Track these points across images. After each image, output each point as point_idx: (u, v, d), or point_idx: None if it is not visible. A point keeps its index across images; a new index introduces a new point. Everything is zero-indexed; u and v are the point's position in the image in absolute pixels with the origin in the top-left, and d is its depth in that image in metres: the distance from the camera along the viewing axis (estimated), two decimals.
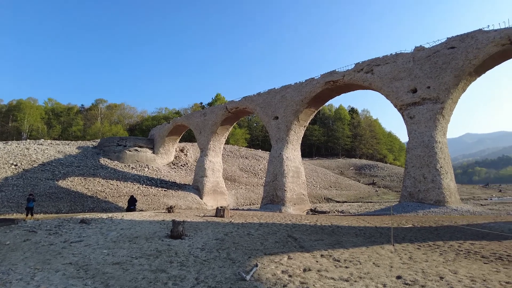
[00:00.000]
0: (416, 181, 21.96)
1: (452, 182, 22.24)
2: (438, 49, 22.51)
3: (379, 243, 10.20)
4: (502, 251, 8.92)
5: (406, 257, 8.35)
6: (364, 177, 71.52)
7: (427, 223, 14.91)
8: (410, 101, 23.13)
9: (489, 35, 20.53)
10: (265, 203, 30.39)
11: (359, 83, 26.59)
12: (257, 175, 55.13)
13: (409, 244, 10.05)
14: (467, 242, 10.36)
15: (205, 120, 41.48)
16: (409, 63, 23.56)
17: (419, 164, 21.99)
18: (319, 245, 9.81)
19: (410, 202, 22.06)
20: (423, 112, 22.41)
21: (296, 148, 32.43)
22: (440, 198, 21.00)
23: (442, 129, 22.60)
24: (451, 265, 7.57)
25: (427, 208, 20.54)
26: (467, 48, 21.26)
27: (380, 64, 25.04)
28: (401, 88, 23.69)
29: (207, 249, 9.14)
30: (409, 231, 12.60)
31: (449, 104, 22.37)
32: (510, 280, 6.33)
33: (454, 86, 21.89)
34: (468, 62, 21.22)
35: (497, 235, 11.18)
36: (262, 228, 13.04)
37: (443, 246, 9.82)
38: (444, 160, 21.92)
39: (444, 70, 21.91)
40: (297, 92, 30.65)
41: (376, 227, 13.83)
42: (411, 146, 22.75)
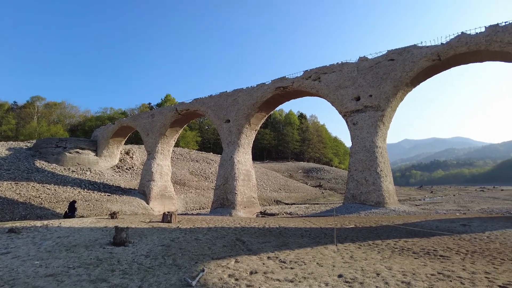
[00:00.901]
0: (359, 184, 23.31)
1: (391, 185, 23.95)
2: (380, 61, 24.20)
3: (323, 244, 10.62)
4: (430, 247, 9.80)
5: (347, 256, 8.80)
6: (312, 179, 74.18)
7: (368, 223, 15.87)
8: (354, 108, 24.55)
9: (422, 51, 22.57)
10: (215, 207, 30.16)
11: (307, 90, 27.62)
12: (208, 179, 54.52)
13: (351, 244, 10.60)
14: (402, 240, 11.20)
15: (153, 121, 40.08)
16: (353, 73, 25.01)
17: (361, 168, 23.38)
18: (266, 248, 9.96)
19: (353, 203, 23.33)
20: (365, 119, 23.92)
21: (247, 152, 32.68)
22: (380, 200, 22.50)
23: (383, 135, 24.28)
24: (387, 262, 8.12)
25: (368, 209, 21.87)
26: (404, 61, 23.14)
27: (327, 73, 26.26)
28: (345, 96, 25.04)
29: (152, 256, 8.81)
30: (351, 231, 13.30)
31: (388, 112, 24.12)
32: (434, 272, 6.98)
33: (393, 96, 23.67)
34: (405, 74, 23.10)
35: (426, 233, 12.25)
36: (210, 233, 12.91)
37: (381, 244, 10.51)
38: (384, 164, 23.54)
39: (385, 80, 23.60)
40: (249, 96, 30.96)
41: (321, 228, 14.41)
42: (354, 150, 24.13)
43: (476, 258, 8.46)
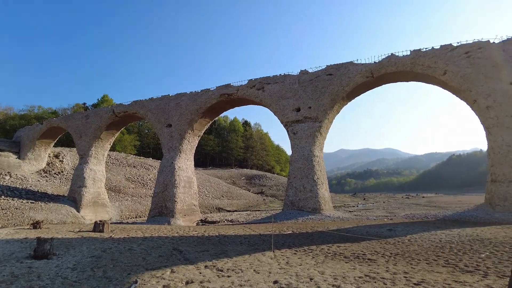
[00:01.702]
0: (297, 191, 24.15)
1: (327, 192, 25.21)
2: (319, 74, 25.53)
3: (261, 250, 10.77)
4: (360, 251, 10.48)
5: (283, 262, 9.02)
6: (254, 186, 75.09)
7: (305, 229, 16.47)
8: (294, 118, 25.51)
9: (358, 68, 24.33)
10: (153, 216, 28.92)
11: (252, 98, 28.07)
12: (146, 186, 52.21)
13: (288, 250, 10.90)
14: (335, 245, 11.81)
15: (87, 123, 37.36)
16: (295, 85, 26.03)
17: (300, 175, 24.29)
18: (204, 256, 9.80)
19: (292, 210, 24.08)
20: (305, 129, 24.98)
21: (189, 158, 32.02)
22: (317, 206, 23.53)
23: (320, 145, 25.53)
24: (320, 266, 8.49)
25: (305, 215, 22.73)
26: (341, 76, 24.71)
27: (270, 83, 26.97)
28: (287, 106, 25.94)
29: (80, 268, 8.15)
30: (288, 237, 13.68)
31: (326, 123, 25.48)
32: (361, 275, 7.48)
33: (331, 108, 25.09)
34: (341, 88, 24.65)
35: (357, 238, 13.09)
36: (146, 243, 12.34)
37: (316, 249, 10.97)
38: (321, 172, 24.73)
39: (323, 93, 24.94)
40: (193, 101, 30.48)
41: (260, 234, 14.61)
42: (294, 159, 25.02)
43: (398, 260, 9.23)
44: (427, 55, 22.53)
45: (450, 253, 10.07)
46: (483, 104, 21.25)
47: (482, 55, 21.37)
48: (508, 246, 10.96)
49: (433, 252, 10.19)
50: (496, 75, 20.91)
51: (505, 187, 19.95)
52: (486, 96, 21.06)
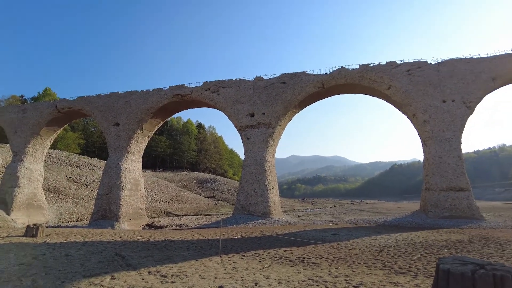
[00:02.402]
0: (248, 195, 24.29)
1: (277, 197, 25.66)
2: (273, 82, 26.04)
3: (208, 256, 10.61)
4: (305, 255, 10.77)
5: (230, 267, 8.97)
6: (206, 190, 74.12)
7: (254, 233, 16.57)
8: (248, 123, 25.71)
9: (310, 78, 25.23)
10: (96, 219, 27.24)
11: (206, 101, 27.80)
12: (89, 187, 49.10)
13: (235, 254, 10.87)
14: (282, 249, 12.02)
15: (24, 117, 34.23)
16: (250, 90, 26.27)
17: (252, 180, 24.48)
18: (148, 262, 9.42)
19: (242, 214, 24.14)
20: (258, 135, 25.28)
21: (137, 159, 30.73)
22: (266, 211, 23.84)
23: (272, 150, 25.98)
24: (266, 271, 8.57)
25: (255, 219, 22.91)
26: (294, 85, 25.44)
27: (225, 87, 26.94)
28: (241, 111, 26.07)
29: (4, 278, 7.38)
30: (237, 242, 13.66)
31: (278, 129, 26.01)
32: (305, 278, 7.68)
33: (283, 115, 25.68)
34: (294, 97, 25.36)
35: (303, 242, 13.45)
36: (85, 248, 11.56)
37: (263, 254, 11.07)
38: (272, 177, 25.14)
39: (277, 100, 25.46)
40: (144, 100, 29.38)
41: (208, 239, 14.42)
42: (246, 163, 25.16)
43: (340, 263, 9.64)
44: (374, 70, 24.06)
45: (387, 256, 10.74)
46: (421, 118, 23.16)
47: (421, 73, 23.33)
48: (436, 249, 11.98)
49: (373, 256, 10.79)
50: (432, 93, 22.94)
51: (437, 195, 21.85)
52: (423, 112, 22.98)
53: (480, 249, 11.91)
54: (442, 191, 21.79)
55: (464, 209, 21.21)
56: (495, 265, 3.24)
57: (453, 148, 22.27)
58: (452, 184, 21.71)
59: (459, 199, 21.44)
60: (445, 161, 22.13)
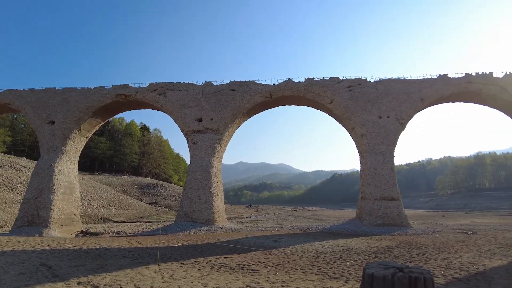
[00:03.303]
0: (192, 202, 23.86)
1: (222, 203, 25.55)
2: (223, 88, 26.09)
3: (145, 264, 10.21)
4: (245, 262, 10.87)
5: (168, 275, 8.72)
6: (148, 196, 71.13)
7: (195, 241, 16.29)
8: (196, 128, 25.38)
9: (258, 87, 25.73)
10: (20, 225, 24.65)
11: (152, 103, 26.90)
12: (15, 190, 44.36)
13: (174, 263, 10.59)
14: (223, 256, 11.99)
15: None
16: (198, 95, 26.01)
17: (197, 186, 24.11)
18: (78, 272, 8.78)
19: (185, 221, 23.60)
20: (205, 140, 25.06)
21: (73, 161, 28.56)
22: (210, 218, 23.60)
23: (219, 157, 25.89)
24: (205, 278, 8.48)
25: (198, 227, 22.54)
26: (243, 93, 25.74)
27: (173, 89, 26.36)
28: (189, 115, 25.67)
29: None
30: (177, 250, 13.33)
31: (226, 136, 26.04)
32: (243, 285, 7.76)
33: (231, 122, 25.79)
34: (243, 105, 25.65)
35: (245, 249, 13.55)
36: (3, 258, 10.42)
37: (203, 262, 10.93)
38: (217, 184, 25.00)
39: (225, 107, 25.53)
40: (84, 98, 27.52)
41: (147, 247, 13.87)
42: (192, 169, 24.75)
43: (278, 269, 9.88)
44: (318, 84, 25.29)
45: (323, 262, 11.25)
46: (359, 132, 24.80)
47: (361, 90, 25.06)
48: (368, 254, 12.84)
49: (310, 262, 11.23)
50: (370, 109, 24.73)
51: (371, 204, 23.46)
52: (361, 126, 24.64)
53: (405, 254, 13.00)
54: (376, 200, 23.46)
55: (394, 217, 23.02)
56: (412, 268, 3.57)
57: (386, 161, 24.16)
58: (385, 194, 23.48)
59: (391, 208, 23.24)
60: (380, 172, 23.91)
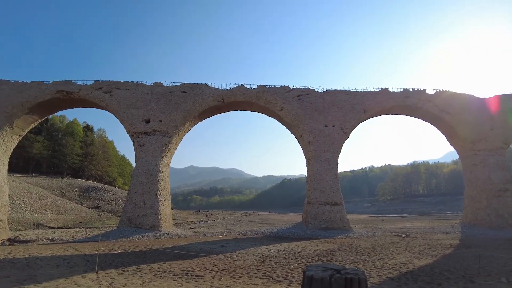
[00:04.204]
0: (137, 207, 22.88)
1: (168, 208, 24.83)
2: (173, 90, 25.52)
3: (82, 273, 9.58)
4: (190, 268, 10.67)
5: (106, 283, 8.28)
6: (89, 200, 66.74)
7: (139, 247, 15.64)
8: (143, 130, 24.46)
9: (211, 91, 25.59)
10: None
11: (96, 101, 25.44)
12: None
13: (114, 270, 10.08)
14: (167, 263, 11.65)
15: None
16: (147, 95, 25.15)
17: (142, 191, 23.18)
18: (0, 285, 7.98)
19: (129, 227, 22.54)
20: (153, 143, 24.23)
21: (2, 161, 25.87)
22: (156, 223, 22.80)
23: (167, 160, 25.18)
24: (146, 286, 8.19)
25: (143, 232, 21.65)
26: (195, 96, 25.41)
27: (120, 88, 25.20)
28: (136, 116, 24.68)
29: None
30: (118, 257, 12.69)
31: (175, 139, 25.44)
32: None
33: (182, 125, 25.28)
34: (194, 108, 25.29)
35: (190, 255, 13.30)
36: None
37: (145, 268, 10.53)
38: (164, 188, 24.27)
39: (176, 109, 24.97)
40: (18, 92, 25.15)
41: (85, 254, 13.02)
42: (137, 172, 23.76)
43: (223, 275, 9.85)
44: (269, 91, 25.83)
45: (268, 266, 11.44)
46: (306, 139, 25.72)
47: (309, 100, 26.07)
48: (311, 257, 13.31)
49: (255, 266, 11.35)
50: (317, 118, 25.80)
51: (316, 208, 24.37)
52: (309, 133, 25.59)
53: (345, 256, 13.69)
54: (321, 205, 24.43)
55: (337, 221, 24.14)
56: (348, 270, 3.77)
57: (331, 167, 25.32)
58: (329, 199, 24.56)
59: (334, 212, 24.35)
60: (324, 178, 24.97)
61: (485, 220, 25.00)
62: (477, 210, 25.98)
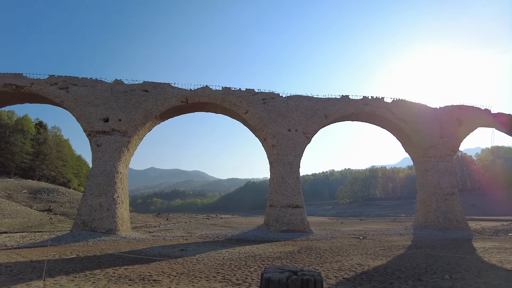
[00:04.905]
0: (92, 209, 21.78)
1: (126, 212, 23.90)
2: (135, 88, 24.69)
3: (27, 280, 8.93)
4: (147, 272, 10.32)
5: None
6: (40, 202, 62.48)
7: (93, 252, 14.88)
8: (101, 129, 23.39)
9: (174, 91, 25.08)
10: None
11: (50, 97, 23.97)
12: None
13: (64, 277, 9.50)
14: (123, 267, 11.18)
15: None
16: (106, 92, 24.11)
17: (98, 192, 22.12)
18: None
19: (83, 231, 21.40)
20: (111, 142, 23.23)
21: None
22: (113, 227, 21.84)
23: (126, 161, 24.25)
24: None
25: (98, 236, 20.64)
26: (157, 95, 24.75)
27: (77, 85, 23.95)
28: (94, 114, 23.57)
29: None
30: (70, 262, 11.99)
31: (135, 139, 24.59)
32: None
33: (142, 125, 24.50)
34: (156, 107, 24.63)
35: (148, 259, 12.87)
36: None
37: (99, 274, 10.04)
38: (122, 190, 23.33)
39: (136, 108, 24.16)
40: None
41: (32, 261, 12.15)
42: (93, 173, 22.65)
43: (182, 279, 9.63)
44: (234, 94, 25.82)
45: (228, 269, 11.36)
46: (270, 142, 25.99)
47: (273, 104, 26.40)
48: (271, 260, 13.41)
49: (215, 269, 11.23)
50: (281, 122, 26.19)
51: (278, 211, 24.64)
52: (272, 137, 25.88)
53: (304, 258, 13.95)
54: (282, 208, 24.74)
55: (298, 224, 24.56)
56: (305, 271, 3.83)
57: (293, 171, 25.76)
58: (291, 202, 24.94)
59: (295, 215, 24.76)
60: (287, 181, 25.34)
61: (434, 222, 26.65)
62: (427, 213, 27.64)
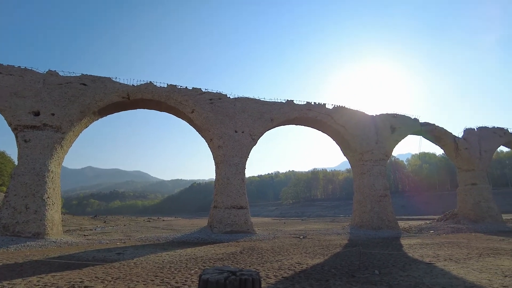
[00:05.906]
0: (16, 212, 19.71)
1: (57, 214, 22.05)
2: (71, 81, 22.93)
3: None
4: (78, 279, 9.62)
5: None
6: None
7: (14, 259, 13.48)
8: (30, 123, 21.30)
9: (115, 86, 23.78)
10: None
11: None
12: None
13: None
14: (50, 274, 10.29)
15: None
16: (38, 84, 22.07)
17: (24, 193, 20.08)
18: None
19: (4, 236, 19.27)
20: (42, 138, 21.27)
21: None
22: (41, 231, 20.00)
23: (58, 159, 22.39)
24: None
25: (23, 242, 18.74)
26: (96, 89, 23.25)
27: (2, 73, 21.56)
28: (22, 106, 21.39)
29: None
30: None
31: (70, 135, 22.82)
32: None
33: (78, 120, 22.82)
34: (94, 102, 23.12)
35: (81, 264, 12.01)
36: None
37: (21, 283, 9.12)
38: (54, 191, 21.50)
39: (72, 102, 22.45)
40: None
41: None
42: (19, 172, 20.51)
43: (117, 284, 9.13)
44: (180, 92, 25.25)
45: (168, 272, 11.04)
46: (216, 143, 25.86)
47: (221, 104, 26.32)
48: (213, 261, 13.32)
49: (153, 273, 10.83)
50: (227, 123, 26.21)
51: (222, 212, 24.58)
52: (219, 138, 25.78)
53: (246, 259, 14.08)
54: (227, 209, 24.73)
55: (241, 224, 24.72)
56: (243, 271, 3.86)
57: (239, 172, 25.89)
58: (235, 203, 25.03)
59: (239, 215, 24.89)
60: (232, 182, 25.39)
61: (369, 222, 28.61)
62: (363, 213, 29.58)
